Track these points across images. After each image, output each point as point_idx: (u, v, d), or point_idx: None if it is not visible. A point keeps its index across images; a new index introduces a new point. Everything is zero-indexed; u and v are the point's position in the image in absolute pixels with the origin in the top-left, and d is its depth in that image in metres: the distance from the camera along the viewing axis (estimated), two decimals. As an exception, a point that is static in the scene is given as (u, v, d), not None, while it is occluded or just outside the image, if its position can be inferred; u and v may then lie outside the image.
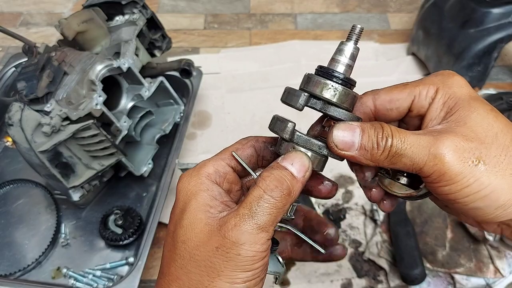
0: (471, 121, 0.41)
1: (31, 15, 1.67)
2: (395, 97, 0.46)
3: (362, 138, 0.42)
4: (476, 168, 0.39)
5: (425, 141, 0.40)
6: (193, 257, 0.41)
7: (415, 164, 0.41)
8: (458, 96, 0.43)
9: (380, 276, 1.01)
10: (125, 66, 0.98)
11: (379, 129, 0.42)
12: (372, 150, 0.42)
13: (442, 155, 0.39)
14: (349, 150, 0.43)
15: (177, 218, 0.44)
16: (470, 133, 0.40)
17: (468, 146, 0.40)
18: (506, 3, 1.20)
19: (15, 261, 1.00)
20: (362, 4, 1.72)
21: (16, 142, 0.91)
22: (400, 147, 0.41)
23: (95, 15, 1.04)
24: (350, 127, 0.43)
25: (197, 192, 0.43)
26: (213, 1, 1.73)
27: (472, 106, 0.42)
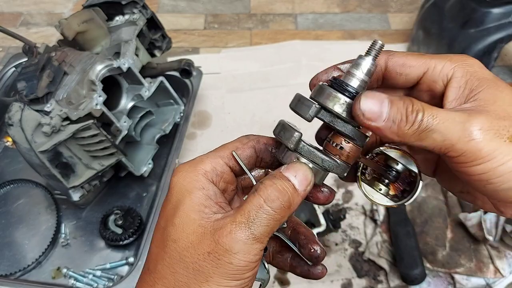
0: (500, 100, 0.39)
1: (31, 15, 1.68)
2: (408, 63, 0.43)
3: (391, 109, 0.39)
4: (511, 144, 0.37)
5: (459, 116, 0.38)
6: (183, 258, 0.40)
7: (447, 140, 0.38)
8: (481, 76, 0.40)
9: (380, 276, 1.00)
10: (125, 66, 0.98)
11: (409, 103, 0.39)
12: (400, 122, 0.39)
13: (477, 131, 0.37)
14: (376, 121, 0.40)
15: (168, 214, 0.42)
16: (502, 111, 0.38)
17: (502, 124, 0.38)
18: (506, 3, 1.20)
19: (15, 261, 1.00)
20: (362, 4, 1.72)
21: (16, 142, 0.91)
22: (431, 122, 0.38)
23: (95, 15, 1.04)
24: (379, 97, 0.40)
25: (192, 190, 0.42)
26: (214, 1, 1.73)
27: (498, 86, 0.40)
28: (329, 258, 1.03)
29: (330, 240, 1.05)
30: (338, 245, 1.05)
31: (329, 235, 1.05)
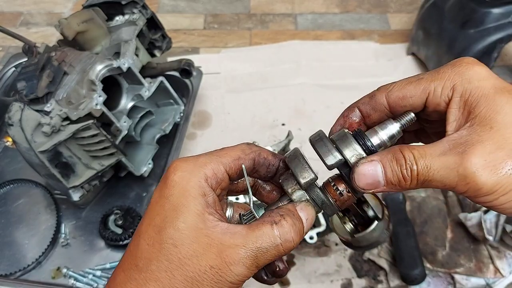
0: (498, 124, 0.38)
1: (31, 15, 1.68)
2: (408, 94, 0.43)
3: (385, 174, 0.40)
4: (511, 175, 0.37)
5: (452, 162, 0.38)
6: (183, 266, 0.39)
7: (447, 185, 0.39)
8: (480, 92, 0.39)
9: (380, 276, 1.01)
10: (125, 66, 0.98)
11: (401, 159, 0.40)
12: (399, 183, 0.40)
13: (472, 174, 0.37)
14: (377, 188, 0.41)
15: (168, 215, 0.40)
16: (499, 138, 0.38)
17: (499, 156, 0.37)
18: (505, 3, 1.20)
19: (15, 261, 1.00)
20: (362, 5, 1.72)
21: (16, 142, 0.91)
22: (427, 174, 0.39)
23: (95, 15, 1.04)
24: (370, 165, 0.41)
25: (196, 196, 0.41)
26: (213, 1, 1.73)
27: (497, 104, 0.38)
28: (329, 258, 1.03)
29: (330, 240, 1.06)
30: (338, 245, 1.05)
31: (329, 235, 1.05)
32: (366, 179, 0.41)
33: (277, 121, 1.30)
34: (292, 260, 1.03)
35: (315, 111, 1.33)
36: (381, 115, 0.45)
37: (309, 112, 1.33)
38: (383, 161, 0.41)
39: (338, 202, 0.45)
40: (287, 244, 0.40)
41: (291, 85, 1.40)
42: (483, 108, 0.39)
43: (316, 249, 1.05)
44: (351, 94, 1.43)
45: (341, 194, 0.45)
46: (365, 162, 0.41)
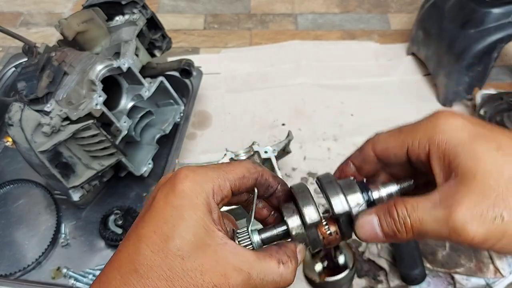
0: (480, 173, 0.39)
1: (31, 15, 1.68)
2: (390, 145, 0.46)
3: (381, 227, 0.43)
4: (502, 223, 0.38)
5: (441, 215, 0.39)
6: (185, 278, 0.39)
7: (441, 237, 0.40)
8: (456, 141, 0.40)
9: (380, 276, 1.00)
10: (125, 66, 0.98)
11: (394, 213, 0.42)
12: (395, 235, 0.42)
13: (462, 227, 0.38)
14: (376, 239, 0.44)
15: (177, 225, 0.40)
16: (483, 187, 0.38)
17: (485, 205, 0.38)
18: (506, 3, 1.20)
19: (15, 261, 1.00)
20: (362, 5, 1.72)
21: (16, 142, 0.91)
22: (420, 227, 0.41)
23: (95, 15, 1.04)
24: (368, 219, 0.44)
25: (204, 211, 0.41)
26: (213, 1, 1.73)
27: (476, 152, 0.39)
28: (329, 258, 1.03)
29: (330, 240, 1.05)
30: (338, 245, 1.05)
31: (329, 235, 1.05)
32: (366, 231, 0.44)
33: (277, 121, 1.30)
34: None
35: (315, 111, 1.33)
36: (372, 166, 0.49)
37: (309, 112, 1.33)
38: (379, 214, 0.43)
39: (325, 240, 0.47)
40: (285, 284, 0.42)
41: (291, 85, 1.40)
42: (462, 157, 0.40)
43: (316, 249, 1.05)
44: (351, 94, 1.44)
45: (330, 235, 0.47)
46: (363, 214, 0.44)
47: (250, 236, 0.46)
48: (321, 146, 1.24)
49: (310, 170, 1.17)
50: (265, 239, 0.47)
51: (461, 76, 1.26)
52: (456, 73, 1.26)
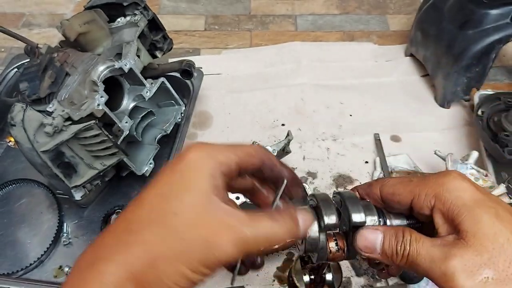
0: (478, 232, 0.42)
1: (33, 16, 1.69)
2: (397, 192, 0.48)
3: (383, 244, 0.46)
4: (487, 283, 0.40)
5: (437, 256, 0.42)
6: (177, 233, 0.40)
7: (428, 275, 0.43)
8: (461, 202, 0.44)
9: (379, 275, 1.01)
10: (127, 67, 0.99)
11: (399, 236, 0.45)
12: (392, 256, 0.45)
13: (452, 275, 0.41)
14: (372, 253, 0.46)
15: (176, 187, 0.41)
16: (479, 246, 0.41)
17: (477, 262, 0.41)
18: (504, 4, 1.21)
19: (18, 260, 1.00)
20: (361, 6, 1.73)
21: (19, 142, 0.92)
22: (415, 258, 0.43)
23: (96, 17, 1.05)
24: (373, 232, 0.46)
25: (207, 177, 0.42)
26: (214, 3, 1.74)
27: (476, 214, 0.43)
28: (328, 257, 1.04)
29: (329, 239, 1.06)
30: (337, 244, 1.06)
31: (329, 234, 1.06)
32: (366, 241, 0.46)
33: (277, 121, 1.31)
34: (292, 258, 1.04)
35: (315, 111, 1.33)
36: (375, 201, 0.51)
37: (309, 112, 1.33)
38: (385, 233, 0.46)
39: (331, 254, 0.49)
40: (277, 240, 0.43)
41: (291, 86, 1.41)
42: (465, 218, 0.43)
43: (315, 248, 1.05)
44: (350, 95, 1.45)
45: (337, 250, 0.49)
46: (371, 227, 0.47)
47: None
48: (320, 146, 1.25)
49: (309, 170, 1.18)
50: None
51: (459, 76, 1.27)
52: (455, 73, 1.27)
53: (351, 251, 0.48)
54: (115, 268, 0.39)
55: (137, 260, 0.39)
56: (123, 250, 0.39)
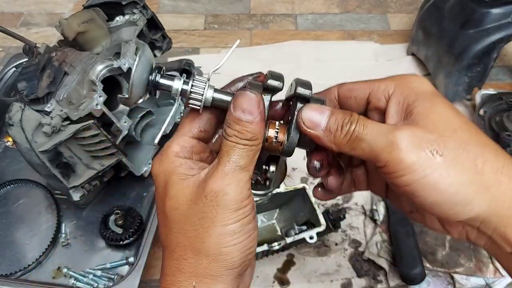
0: (432, 114, 0.41)
1: (31, 16, 1.68)
2: (355, 87, 0.49)
3: (329, 119, 0.44)
4: (434, 158, 0.39)
5: (385, 128, 0.42)
6: (188, 217, 0.43)
7: (372, 150, 0.41)
8: (419, 91, 0.44)
9: (380, 276, 1.01)
10: (126, 66, 0.98)
11: (347, 115, 0.44)
12: (335, 132, 0.43)
13: (398, 142, 0.40)
14: (315, 129, 0.45)
15: (162, 196, 0.46)
16: (430, 125, 0.41)
17: (426, 137, 0.40)
18: (505, 4, 1.21)
19: (16, 261, 1.00)
20: (362, 5, 1.72)
21: (17, 142, 0.91)
22: (361, 132, 0.42)
23: (95, 16, 1.04)
24: (321, 108, 0.45)
25: (173, 169, 0.45)
26: (214, 2, 1.73)
27: (434, 101, 0.42)
28: (329, 258, 1.04)
29: (330, 240, 1.06)
30: (338, 245, 1.05)
31: (329, 235, 1.05)
32: (311, 115, 0.45)
33: (277, 121, 1.30)
34: (292, 259, 1.03)
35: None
36: (330, 104, 0.51)
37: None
38: (333, 110, 0.45)
39: (267, 143, 0.47)
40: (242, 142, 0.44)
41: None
42: (421, 102, 0.43)
43: (316, 249, 1.05)
44: (351, 94, 1.43)
45: (275, 140, 0.47)
46: (318, 104, 0.46)
47: (205, 88, 0.47)
48: (321, 146, 1.24)
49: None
50: (217, 99, 0.47)
51: (461, 76, 1.27)
52: (456, 73, 1.26)
53: (291, 140, 0.47)
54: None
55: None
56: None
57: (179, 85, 0.46)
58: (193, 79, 0.47)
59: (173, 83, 0.47)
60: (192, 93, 0.46)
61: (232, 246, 0.43)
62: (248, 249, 0.44)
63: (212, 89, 0.48)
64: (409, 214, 0.51)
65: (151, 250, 0.96)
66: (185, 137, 0.48)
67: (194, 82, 0.47)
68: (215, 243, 0.42)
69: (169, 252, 0.45)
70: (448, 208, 0.40)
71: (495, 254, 0.44)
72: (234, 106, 0.44)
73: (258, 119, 0.44)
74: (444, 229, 0.47)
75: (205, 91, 0.47)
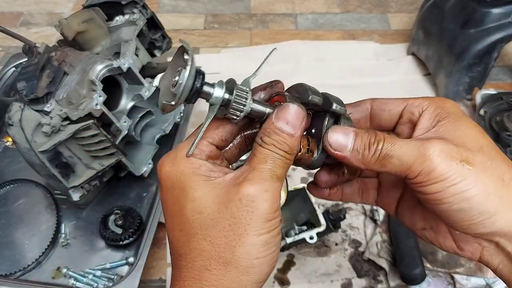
0: (460, 131, 0.43)
1: (31, 15, 1.68)
2: (390, 101, 0.50)
3: (355, 140, 0.45)
4: (463, 167, 0.40)
5: (414, 142, 0.43)
6: (217, 221, 0.40)
7: (404, 163, 0.42)
8: (450, 111, 0.45)
9: (380, 276, 1.01)
10: (125, 66, 0.98)
11: (372, 134, 0.44)
12: (363, 151, 0.44)
13: (430, 153, 0.41)
14: (342, 151, 0.45)
15: (179, 198, 0.43)
16: (459, 140, 0.42)
17: (456, 149, 0.41)
18: (506, 3, 1.20)
19: (16, 261, 1.00)
20: (363, 5, 1.72)
21: (16, 142, 0.91)
22: (389, 148, 0.43)
23: (95, 15, 1.04)
24: (346, 130, 0.46)
25: (193, 170, 0.43)
26: (214, 1, 1.73)
27: (462, 120, 0.44)
28: (329, 258, 1.03)
29: (330, 240, 1.06)
30: (338, 245, 1.05)
31: (329, 235, 1.05)
32: (338, 137, 0.45)
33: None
34: (292, 260, 1.03)
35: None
36: (361, 115, 0.51)
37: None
38: (358, 131, 0.46)
39: (300, 154, 0.47)
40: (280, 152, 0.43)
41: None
42: (451, 120, 0.44)
43: (316, 249, 1.05)
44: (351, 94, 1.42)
45: (307, 151, 0.47)
46: (343, 126, 0.47)
47: (248, 97, 0.45)
48: (321, 146, 1.24)
49: (310, 171, 1.17)
50: (254, 110, 0.45)
51: (461, 76, 1.26)
52: (456, 73, 1.26)
53: (320, 154, 0.47)
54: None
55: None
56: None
57: (221, 93, 0.44)
58: (236, 88, 0.45)
59: (214, 90, 0.44)
60: (235, 103, 0.44)
61: (263, 257, 0.41)
62: (274, 262, 0.43)
63: (251, 99, 0.46)
64: (420, 231, 0.51)
65: (151, 250, 0.96)
66: (205, 141, 0.47)
67: (237, 92, 0.44)
68: (247, 253, 0.40)
69: (188, 262, 0.41)
70: (472, 216, 0.41)
71: (509, 276, 0.44)
72: (277, 116, 0.43)
73: (299, 134, 0.43)
74: (458, 247, 0.48)
75: (247, 102, 0.45)
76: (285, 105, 0.44)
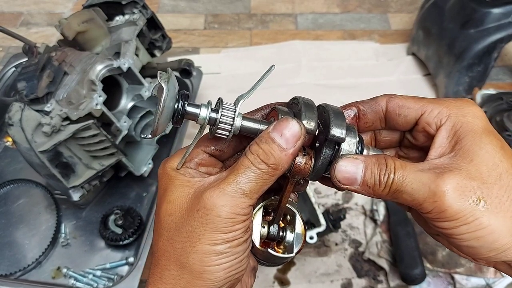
0: (478, 158, 0.40)
1: (31, 15, 1.68)
2: (407, 105, 0.46)
3: (364, 174, 0.43)
4: (477, 207, 0.39)
5: (426, 178, 0.40)
6: (179, 227, 0.42)
7: (415, 200, 0.41)
8: (471, 127, 0.42)
9: (380, 276, 1.01)
10: (125, 66, 0.98)
11: (382, 165, 0.42)
12: (374, 186, 0.42)
13: (442, 193, 0.39)
14: (351, 185, 0.43)
15: (161, 199, 0.45)
16: (474, 171, 0.40)
17: (470, 185, 0.39)
18: (506, 3, 1.20)
19: (16, 261, 1.00)
20: (363, 5, 1.72)
21: (17, 142, 0.91)
22: (401, 183, 0.41)
23: (95, 15, 1.04)
24: (354, 162, 0.43)
25: (175, 174, 0.45)
26: (214, 1, 1.73)
27: (482, 142, 0.41)
28: (329, 258, 1.03)
29: (330, 240, 1.06)
30: (338, 245, 1.05)
31: (329, 235, 1.05)
32: (346, 173, 0.43)
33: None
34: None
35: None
36: (376, 116, 0.48)
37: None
38: (367, 162, 0.43)
39: (295, 167, 0.44)
40: (260, 166, 0.41)
41: (292, 85, 1.40)
42: (469, 141, 0.41)
43: (316, 249, 1.05)
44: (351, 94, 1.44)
45: (305, 163, 0.44)
46: (350, 157, 0.43)
47: (235, 115, 0.43)
48: (321, 146, 1.24)
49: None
50: (245, 127, 0.44)
51: (461, 76, 1.26)
52: (456, 73, 1.26)
53: (319, 168, 0.44)
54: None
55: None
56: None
57: (206, 113, 0.43)
58: (222, 107, 0.43)
59: (200, 111, 0.43)
60: (221, 123, 0.43)
61: (217, 266, 0.41)
62: (235, 270, 0.43)
63: (241, 117, 0.44)
64: (434, 236, 0.50)
65: (151, 250, 0.96)
66: (198, 150, 0.47)
67: (223, 111, 0.43)
68: (200, 260, 0.41)
69: (155, 259, 0.44)
70: (483, 252, 0.41)
71: None
72: (274, 127, 0.42)
73: (291, 152, 0.41)
74: (473, 259, 0.47)
75: (235, 119, 0.43)
76: (285, 119, 0.42)
